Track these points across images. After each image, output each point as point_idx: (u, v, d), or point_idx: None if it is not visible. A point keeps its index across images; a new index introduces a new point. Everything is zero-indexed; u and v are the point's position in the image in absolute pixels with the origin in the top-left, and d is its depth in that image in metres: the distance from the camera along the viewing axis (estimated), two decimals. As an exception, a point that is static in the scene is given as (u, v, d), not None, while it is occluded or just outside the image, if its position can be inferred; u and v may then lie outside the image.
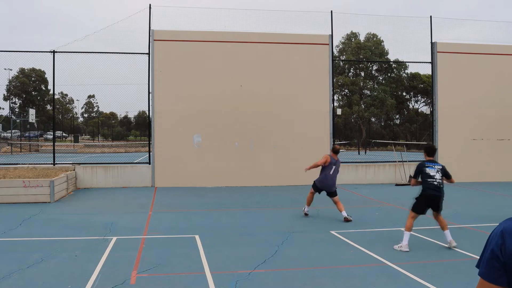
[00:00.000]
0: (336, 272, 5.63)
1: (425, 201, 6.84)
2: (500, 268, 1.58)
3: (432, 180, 6.80)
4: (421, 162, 7.07)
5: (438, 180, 6.81)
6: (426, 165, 6.92)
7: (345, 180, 15.60)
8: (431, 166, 6.91)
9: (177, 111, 14.72)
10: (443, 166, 7.00)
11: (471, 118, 16.43)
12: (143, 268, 5.72)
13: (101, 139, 55.31)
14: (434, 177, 6.80)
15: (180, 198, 12.24)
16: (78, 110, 69.91)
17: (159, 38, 14.76)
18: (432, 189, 6.78)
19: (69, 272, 5.55)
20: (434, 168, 6.87)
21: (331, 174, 9.15)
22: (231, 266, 5.85)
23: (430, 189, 6.78)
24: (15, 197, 10.96)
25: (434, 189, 6.78)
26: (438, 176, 6.82)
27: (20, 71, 51.06)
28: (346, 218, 8.92)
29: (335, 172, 9.22)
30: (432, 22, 16.47)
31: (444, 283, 5.22)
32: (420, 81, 44.50)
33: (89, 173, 14.31)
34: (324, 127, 15.46)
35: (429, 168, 6.88)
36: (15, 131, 42.28)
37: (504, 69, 16.73)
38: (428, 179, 6.82)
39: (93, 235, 7.56)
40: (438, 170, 6.86)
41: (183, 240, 7.34)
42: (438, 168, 6.89)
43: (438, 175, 6.82)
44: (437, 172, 6.84)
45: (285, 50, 15.36)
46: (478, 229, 8.26)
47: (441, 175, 6.86)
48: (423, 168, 6.90)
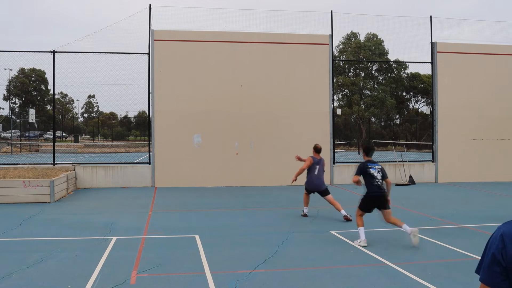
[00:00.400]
0: (336, 272, 5.63)
1: (371, 201, 7.17)
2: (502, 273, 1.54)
3: (376, 181, 7.11)
4: (363, 163, 7.30)
5: (380, 180, 7.13)
6: (369, 166, 7.21)
7: (345, 180, 15.61)
8: (373, 167, 7.20)
9: (177, 111, 14.72)
10: (382, 167, 7.32)
11: (471, 118, 16.43)
12: (143, 268, 5.72)
13: (101, 139, 55.32)
14: (376, 178, 7.11)
15: (180, 198, 12.24)
16: (78, 110, 69.94)
17: (159, 38, 14.76)
18: (376, 189, 7.09)
19: (69, 272, 5.55)
20: (375, 169, 7.18)
21: (316, 174, 9.16)
22: (231, 266, 5.85)
23: (374, 190, 7.10)
24: (15, 197, 10.96)
25: (377, 189, 7.09)
26: (379, 176, 7.14)
27: (20, 71, 51.08)
28: (345, 216, 8.93)
29: (320, 172, 9.22)
30: (432, 22, 16.48)
31: (444, 283, 5.21)
32: (420, 81, 44.50)
33: (89, 173, 14.31)
34: (324, 127, 15.46)
35: (372, 169, 7.16)
36: (15, 131, 42.28)
37: (504, 69, 16.73)
38: (372, 180, 7.12)
39: (93, 235, 7.56)
40: (378, 170, 7.19)
41: (183, 240, 7.34)
42: (379, 168, 7.22)
43: (379, 175, 7.15)
44: (378, 172, 7.16)
45: (285, 50, 15.36)
46: (478, 229, 8.26)
47: (381, 175, 7.17)
48: (366, 169, 7.17)
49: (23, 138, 39.94)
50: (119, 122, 59.25)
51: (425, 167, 16.44)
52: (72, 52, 14.55)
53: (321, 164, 9.27)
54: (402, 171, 15.99)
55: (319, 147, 9.52)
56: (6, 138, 40.32)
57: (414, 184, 15.63)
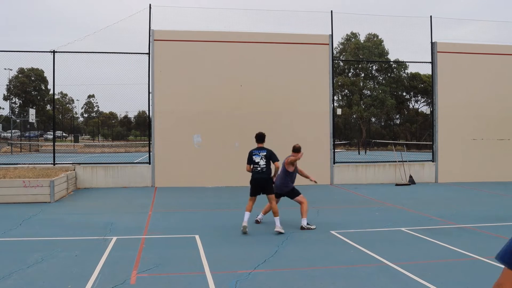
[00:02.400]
0: (336, 272, 5.63)
1: (253, 185, 7.81)
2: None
3: (256, 166, 7.79)
4: (251, 150, 7.99)
5: (262, 165, 7.75)
6: (253, 153, 7.90)
7: (345, 180, 15.61)
8: (257, 153, 7.85)
9: (177, 111, 14.72)
10: (268, 152, 7.83)
11: (471, 118, 16.43)
12: (143, 268, 5.72)
13: (101, 139, 55.32)
14: (258, 163, 7.76)
15: (180, 198, 12.24)
16: (78, 110, 69.96)
17: (159, 38, 14.76)
18: (256, 174, 7.78)
19: (69, 272, 5.55)
20: (259, 155, 7.80)
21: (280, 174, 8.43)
22: (231, 266, 5.85)
23: (255, 174, 7.80)
24: (15, 197, 10.96)
25: (257, 173, 7.77)
26: (262, 162, 7.75)
27: (19, 70, 51.07)
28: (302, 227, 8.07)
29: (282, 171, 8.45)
30: (432, 22, 16.48)
31: (444, 283, 5.21)
32: (420, 81, 44.50)
33: (89, 173, 14.31)
34: (324, 127, 15.46)
35: (255, 155, 7.84)
36: (15, 131, 42.29)
37: (504, 69, 16.73)
38: (254, 165, 7.80)
39: (93, 235, 7.56)
40: (262, 156, 7.78)
41: (183, 240, 7.34)
42: (263, 154, 7.80)
43: (262, 161, 7.75)
44: (261, 158, 7.76)
45: (285, 50, 15.36)
46: (478, 229, 8.25)
47: (265, 161, 7.75)
48: (251, 156, 7.88)
49: (23, 138, 39.95)
50: (119, 122, 59.26)
51: (425, 167, 16.44)
52: (72, 52, 14.55)
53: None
54: (402, 171, 15.99)
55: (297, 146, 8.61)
56: (6, 138, 40.32)
57: (414, 184, 15.63)
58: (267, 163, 7.81)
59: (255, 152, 7.90)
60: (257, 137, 8.08)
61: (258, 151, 7.89)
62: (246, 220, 7.66)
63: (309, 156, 15.32)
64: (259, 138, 8.05)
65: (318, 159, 15.36)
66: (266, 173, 7.79)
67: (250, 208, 7.81)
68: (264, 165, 7.77)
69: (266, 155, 7.81)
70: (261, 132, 8.22)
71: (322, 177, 15.44)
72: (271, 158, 7.81)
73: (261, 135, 8.10)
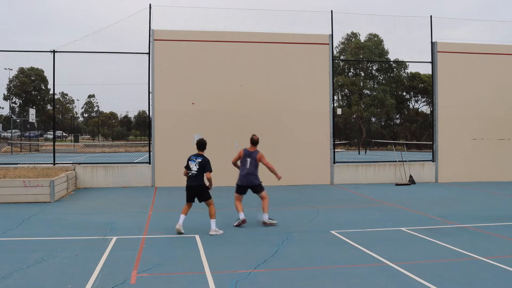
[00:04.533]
0: (336, 272, 5.63)
1: (187, 190, 8.03)
2: None
3: (190, 172, 7.94)
4: (190, 155, 8.10)
5: (193, 172, 7.88)
6: (191, 159, 8.02)
7: (345, 180, 15.61)
8: (193, 159, 7.97)
9: (177, 111, 14.72)
10: (203, 160, 7.93)
11: (471, 118, 16.43)
12: (143, 268, 5.72)
13: (101, 138, 55.33)
14: (192, 169, 7.90)
15: (180, 198, 12.17)
16: (78, 110, 70.00)
17: (159, 38, 14.76)
18: (189, 180, 7.95)
19: (69, 272, 5.56)
20: (195, 161, 7.92)
21: (248, 167, 8.70)
22: (231, 266, 5.85)
23: (188, 180, 7.97)
24: (15, 197, 10.96)
25: (190, 180, 7.93)
26: (195, 168, 7.87)
27: (20, 70, 51.08)
28: (264, 222, 8.39)
29: (251, 165, 8.71)
30: (432, 22, 16.48)
31: (444, 283, 5.22)
32: (420, 81, 44.49)
33: (89, 173, 14.31)
34: (324, 127, 15.46)
35: (191, 161, 7.97)
36: (15, 131, 42.31)
37: (504, 69, 16.73)
38: (189, 171, 7.95)
39: (93, 235, 7.56)
40: (197, 163, 7.90)
41: (183, 240, 7.34)
42: (198, 161, 7.91)
43: (195, 167, 7.87)
44: (195, 165, 7.89)
45: (285, 50, 15.36)
46: (478, 229, 8.25)
47: (198, 167, 7.85)
48: (188, 161, 8.03)
49: (23, 138, 39.96)
50: (119, 122, 59.27)
51: (425, 166, 16.44)
52: (72, 52, 14.55)
53: (252, 157, 8.70)
54: (402, 171, 15.99)
55: (255, 138, 8.95)
56: (6, 138, 40.33)
57: (414, 184, 15.63)
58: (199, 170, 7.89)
59: (192, 158, 8.02)
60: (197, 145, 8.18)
61: (195, 157, 8.00)
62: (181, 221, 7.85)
63: (309, 156, 15.40)
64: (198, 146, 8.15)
65: (318, 159, 15.37)
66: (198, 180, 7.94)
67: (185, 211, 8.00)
68: (196, 171, 7.89)
69: (200, 162, 7.91)
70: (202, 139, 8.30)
71: (322, 177, 15.48)
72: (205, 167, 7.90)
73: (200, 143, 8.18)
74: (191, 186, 7.95)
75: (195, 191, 7.94)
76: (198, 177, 7.90)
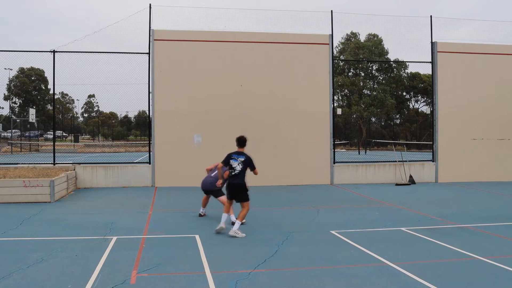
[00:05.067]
0: (336, 272, 5.63)
1: (228, 188, 7.83)
2: None
3: (231, 171, 7.77)
4: (229, 153, 7.91)
5: (237, 171, 7.70)
6: (232, 157, 7.83)
7: (345, 180, 15.61)
8: (235, 158, 7.80)
9: (177, 111, 14.72)
10: (246, 158, 7.76)
11: (471, 118, 16.43)
12: (143, 268, 5.73)
13: (101, 138, 55.33)
14: (235, 168, 7.72)
15: (180, 198, 12.25)
16: (78, 109, 70.02)
17: (159, 38, 14.76)
18: (231, 178, 7.77)
19: (69, 272, 5.56)
20: (237, 160, 7.76)
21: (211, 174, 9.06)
22: (231, 266, 5.85)
23: (230, 178, 7.80)
24: (15, 197, 10.96)
25: (232, 178, 7.75)
26: (239, 167, 7.71)
27: (20, 70, 51.10)
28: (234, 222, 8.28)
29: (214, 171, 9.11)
30: (432, 22, 16.48)
31: (444, 283, 5.22)
32: (420, 80, 44.50)
33: (89, 173, 14.31)
34: (324, 127, 15.46)
35: (233, 160, 7.78)
36: (15, 131, 42.32)
37: (504, 69, 16.73)
38: (230, 170, 7.81)
39: (93, 235, 7.56)
40: (240, 162, 7.74)
41: (183, 240, 7.34)
42: (241, 160, 7.76)
43: (238, 166, 7.71)
44: (239, 164, 7.73)
45: (285, 49, 15.36)
46: (478, 229, 8.26)
47: (241, 166, 7.70)
48: (229, 159, 7.82)
49: (23, 138, 39.96)
50: (119, 122, 59.28)
51: (425, 166, 16.44)
52: (72, 52, 14.55)
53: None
54: (402, 171, 15.99)
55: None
56: (6, 137, 40.33)
57: (414, 183, 15.63)
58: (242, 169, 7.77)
59: (233, 156, 7.85)
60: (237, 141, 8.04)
61: (237, 156, 7.85)
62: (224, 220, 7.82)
63: (309, 156, 15.40)
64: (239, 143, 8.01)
65: (318, 159, 15.37)
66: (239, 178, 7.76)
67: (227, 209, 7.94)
68: (239, 170, 7.73)
69: (244, 161, 7.77)
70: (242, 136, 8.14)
71: (322, 177, 15.48)
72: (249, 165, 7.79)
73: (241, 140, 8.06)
74: (233, 184, 7.74)
75: (235, 188, 7.75)
76: (240, 175, 7.72)
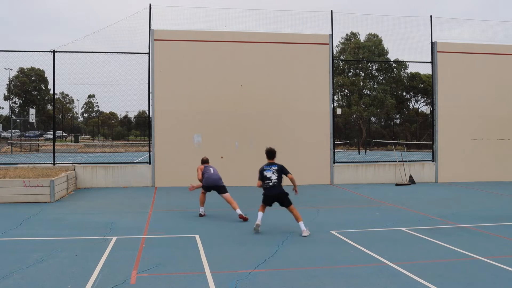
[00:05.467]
0: (336, 272, 5.63)
1: (267, 198, 7.89)
2: None
3: (268, 182, 7.82)
4: (262, 166, 8.00)
5: (274, 181, 7.80)
6: (264, 169, 7.92)
7: (345, 180, 15.61)
8: (268, 169, 7.90)
9: (177, 111, 14.73)
10: (280, 166, 7.90)
11: (471, 118, 16.44)
12: (143, 268, 5.73)
13: (101, 138, 55.33)
14: (270, 178, 7.81)
15: (180, 198, 12.24)
16: (78, 109, 70.01)
17: (159, 38, 14.77)
18: (269, 189, 7.84)
19: (69, 272, 5.56)
20: (270, 170, 7.86)
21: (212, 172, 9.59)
22: (231, 266, 5.85)
23: (268, 189, 7.85)
24: (15, 197, 10.96)
25: (271, 189, 7.82)
26: (274, 176, 7.81)
27: (20, 70, 51.08)
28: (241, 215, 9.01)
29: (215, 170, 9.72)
30: (432, 22, 16.48)
31: (444, 283, 5.22)
32: (420, 81, 44.49)
33: (89, 173, 14.31)
34: (324, 127, 15.46)
35: (266, 171, 7.87)
36: (15, 131, 42.31)
37: (504, 69, 16.74)
38: (266, 181, 7.84)
39: (93, 235, 7.56)
40: (274, 171, 7.84)
41: (183, 240, 7.34)
42: (275, 169, 7.86)
43: (274, 175, 7.81)
44: (273, 173, 7.82)
45: (285, 50, 15.36)
46: (478, 229, 8.26)
47: (277, 175, 7.80)
48: (262, 172, 7.92)
49: (23, 138, 39.95)
50: (119, 122, 59.27)
51: (425, 167, 16.44)
52: (72, 52, 14.56)
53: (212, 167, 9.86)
54: (402, 171, 15.99)
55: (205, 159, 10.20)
56: (6, 137, 40.32)
57: (414, 184, 15.63)
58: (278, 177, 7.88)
59: (265, 168, 7.95)
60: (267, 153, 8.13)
61: (269, 166, 7.95)
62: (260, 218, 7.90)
63: (309, 156, 15.40)
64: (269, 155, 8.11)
65: (318, 159, 15.37)
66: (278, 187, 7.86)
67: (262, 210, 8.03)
68: (276, 179, 7.84)
69: (277, 169, 7.88)
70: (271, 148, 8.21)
71: (322, 177, 15.49)
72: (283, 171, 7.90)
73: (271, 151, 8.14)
74: (273, 195, 7.84)
75: (277, 198, 7.86)
76: (278, 184, 7.85)
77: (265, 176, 7.85)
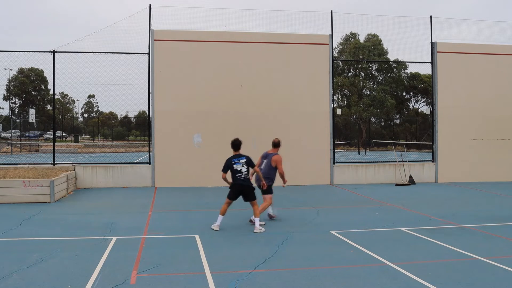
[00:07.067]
0: (336, 272, 5.63)
1: (236, 191, 7.93)
2: None
3: (240, 175, 7.85)
4: (229, 158, 7.96)
5: (245, 173, 7.86)
6: (233, 162, 7.90)
7: (345, 180, 15.61)
8: (237, 161, 7.90)
9: (177, 111, 14.72)
10: (248, 158, 7.97)
11: (471, 118, 16.43)
12: (143, 268, 5.73)
13: (101, 139, 55.31)
14: (241, 171, 7.85)
15: (180, 198, 12.24)
16: (78, 110, 69.99)
17: (159, 38, 14.76)
18: (240, 181, 7.85)
19: (69, 272, 5.56)
20: (240, 163, 7.89)
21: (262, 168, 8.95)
22: (231, 266, 5.85)
23: (238, 182, 7.86)
24: (15, 197, 10.96)
25: (241, 181, 7.85)
26: (244, 169, 7.87)
27: (19, 70, 51.07)
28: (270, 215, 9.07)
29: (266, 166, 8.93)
30: (432, 22, 16.48)
31: (444, 283, 5.22)
32: (420, 81, 44.49)
33: (89, 173, 14.30)
34: (324, 127, 15.46)
35: (236, 164, 7.88)
36: (15, 131, 42.29)
37: (504, 69, 16.73)
38: (237, 174, 7.86)
39: (93, 235, 7.56)
40: (243, 164, 7.88)
41: (183, 240, 7.34)
42: (243, 161, 7.91)
43: (244, 168, 7.87)
44: (243, 165, 7.87)
45: (285, 50, 15.36)
46: (478, 229, 8.26)
47: (246, 167, 7.87)
48: (231, 164, 7.89)
49: (23, 138, 39.93)
50: (119, 122, 59.26)
51: (425, 167, 16.44)
52: (72, 52, 14.55)
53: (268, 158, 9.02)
54: (402, 171, 15.99)
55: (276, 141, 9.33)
56: (6, 138, 40.31)
57: (414, 184, 15.63)
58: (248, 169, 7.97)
59: (234, 161, 7.95)
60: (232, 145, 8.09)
61: (238, 159, 7.97)
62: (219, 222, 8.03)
63: (309, 156, 15.39)
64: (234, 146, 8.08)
65: (318, 159, 15.37)
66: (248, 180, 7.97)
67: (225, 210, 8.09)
68: (246, 171, 7.92)
69: (246, 161, 7.96)
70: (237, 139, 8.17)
71: (322, 177, 15.48)
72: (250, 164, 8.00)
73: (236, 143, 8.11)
74: (243, 189, 7.92)
75: (243, 190, 7.94)
76: (247, 176, 7.96)
77: (235, 169, 7.87)
